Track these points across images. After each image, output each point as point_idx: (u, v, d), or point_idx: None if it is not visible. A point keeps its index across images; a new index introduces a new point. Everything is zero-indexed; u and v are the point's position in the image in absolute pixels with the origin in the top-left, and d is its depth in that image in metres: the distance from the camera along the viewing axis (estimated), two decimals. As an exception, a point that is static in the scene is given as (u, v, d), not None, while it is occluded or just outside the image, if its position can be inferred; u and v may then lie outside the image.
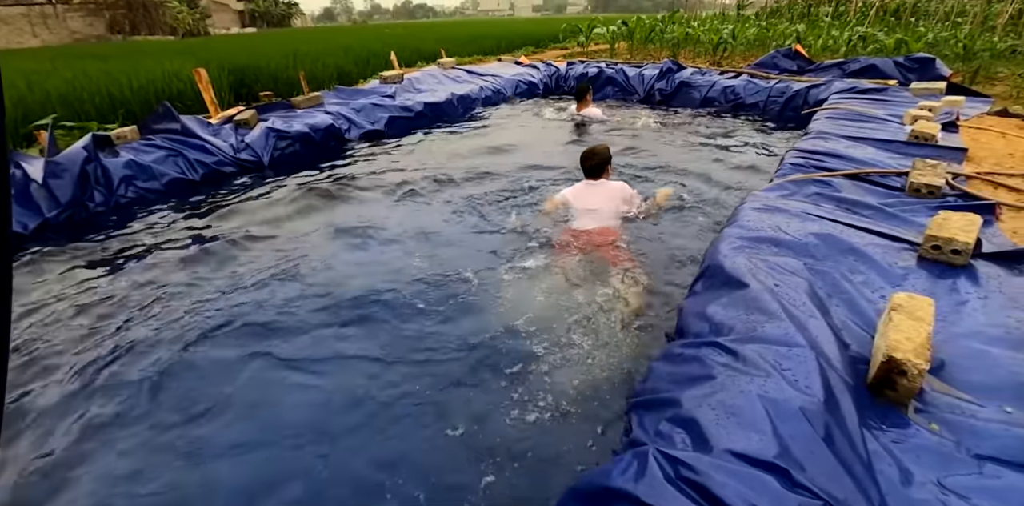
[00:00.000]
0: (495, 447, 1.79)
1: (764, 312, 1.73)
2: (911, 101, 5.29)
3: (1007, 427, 1.46)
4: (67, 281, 2.95)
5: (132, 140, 4.48)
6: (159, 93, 6.74)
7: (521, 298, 2.52)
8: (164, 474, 1.73)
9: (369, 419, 1.92)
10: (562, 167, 4.45)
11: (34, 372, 2.21)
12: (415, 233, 3.34)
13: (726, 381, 1.47)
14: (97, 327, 2.50)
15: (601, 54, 12.12)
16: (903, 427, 1.49)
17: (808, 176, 3.12)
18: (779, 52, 7.62)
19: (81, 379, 2.14)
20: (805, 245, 2.24)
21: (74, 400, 2.04)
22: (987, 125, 4.61)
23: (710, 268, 2.14)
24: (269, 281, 2.83)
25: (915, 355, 1.51)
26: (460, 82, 7.70)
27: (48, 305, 2.69)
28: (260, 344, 2.32)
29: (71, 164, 3.79)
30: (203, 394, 2.05)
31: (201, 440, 1.85)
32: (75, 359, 2.27)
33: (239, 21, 40.85)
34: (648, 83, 7.75)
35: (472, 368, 2.13)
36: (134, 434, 1.88)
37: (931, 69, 6.28)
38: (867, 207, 2.70)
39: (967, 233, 2.14)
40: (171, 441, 1.85)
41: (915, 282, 2.05)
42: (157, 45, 17.64)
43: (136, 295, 2.76)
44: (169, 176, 4.32)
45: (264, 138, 4.98)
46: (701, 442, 1.33)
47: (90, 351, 2.31)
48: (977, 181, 3.17)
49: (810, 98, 6.29)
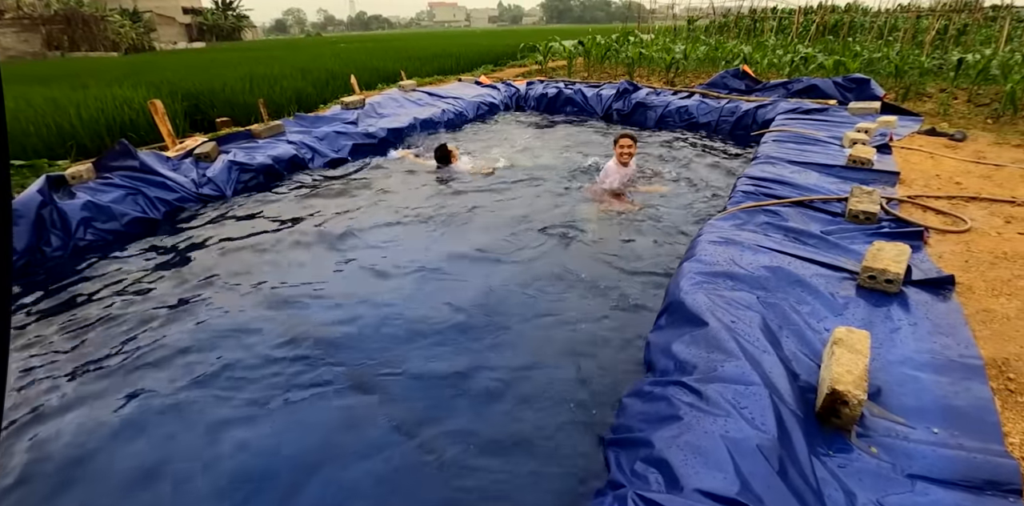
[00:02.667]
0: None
1: (723, 351, 1.89)
2: (850, 121, 5.69)
3: (934, 448, 1.66)
4: (26, 333, 2.89)
5: (88, 179, 4.37)
6: (110, 123, 6.55)
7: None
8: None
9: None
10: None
11: None
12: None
13: (692, 422, 1.62)
14: (52, 376, 2.48)
15: (559, 71, 12.43)
16: (847, 452, 1.67)
17: (758, 204, 3.35)
18: (728, 72, 8.03)
19: (26, 429, 2.15)
20: (757, 278, 2.44)
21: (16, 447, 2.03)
22: (917, 145, 5.01)
23: (672, 305, 2.31)
24: (245, 323, 2.86)
25: (855, 387, 1.70)
26: (422, 105, 7.80)
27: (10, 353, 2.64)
28: (227, 392, 2.35)
29: (26, 210, 3.69)
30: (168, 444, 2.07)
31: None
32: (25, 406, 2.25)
33: (186, 35, 39.71)
34: (606, 103, 8.03)
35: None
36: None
37: (867, 89, 6.76)
38: (811, 236, 2.93)
39: (898, 263, 2.37)
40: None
41: (855, 311, 2.27)
42: (100, 63, 17.03)
43: (96, 343, 2.75)
44: (130, 216, 4.24)
45: (227, 172, 4.95)
46: (672, 481, 1.47)
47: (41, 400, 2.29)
48: (908, 204, 3.48)
49: (758, 117, 6.66)
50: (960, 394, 1.86)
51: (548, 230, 3.97)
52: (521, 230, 4.00)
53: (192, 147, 5.13)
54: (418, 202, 4.65)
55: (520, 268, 3.44)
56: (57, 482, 1.95)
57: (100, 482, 1.95)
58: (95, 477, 1.97)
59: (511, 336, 2.71)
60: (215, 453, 2.05)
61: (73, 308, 3.13)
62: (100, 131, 6.39)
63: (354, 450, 2.05)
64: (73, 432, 2.17)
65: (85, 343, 2.77)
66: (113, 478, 1.96)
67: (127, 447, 2.10)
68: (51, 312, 3.09)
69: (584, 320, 2.82)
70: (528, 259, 3.55)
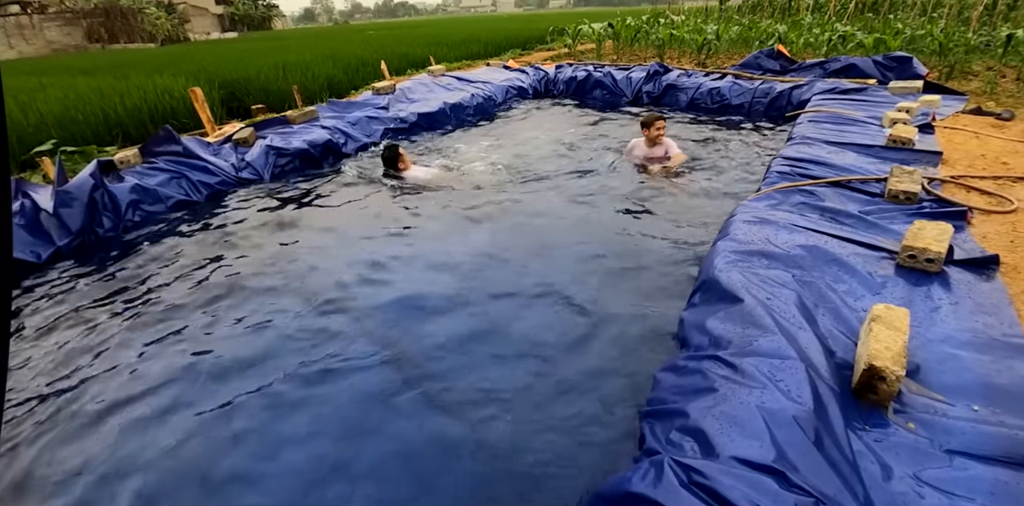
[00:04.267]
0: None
1: (758, 326, 1.90)
2: (890, 101, 5.50)
3: (974, 424, 1.65)
4: (85, 304, 3.08)
5: (135, 164, 4.57)
6: (152, 111, 6.79)
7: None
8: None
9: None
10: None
11: (59, 386, 2.35)
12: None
13: (727, 393, 1.65)
14: (111, 346, 2.67)
15: (588, 54, 12.26)
16: (884, 427, 1.68)
17: (793, 185, 3.30)
18: (762, 52, 7.81)
19: (90, 396, 2.31)
20: (793, 257, 2.42)
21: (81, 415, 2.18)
22: (961, 125, 4.83)
23: (706, 282, 2.32)
24: (279, 294, 3.01)
25: (893, 362, 1.70)
26: (451, 90, 7.82)
27: (68, 328, 2.84)
28: (284, 367, 2.47)
29: (80, 192, 3.88)
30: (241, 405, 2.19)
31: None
32: (86, 374, 2.43)
33: (218, 25, 40.39)
34: (636, 86, 7.92)
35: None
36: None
37: (908, 67, 6.50)
38: (849, 216, 2.88)
39: (940, 242, 2.33)
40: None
41: (893, 290, 2.24)
42: (139, 54, 17.48)
43: (152, 315, 2.92)
44: (174, 198, 4.43)
45: (264, 156, 5.09)
46: (708, 449, 1.50)
47: (103, 370, 2.46)
48: (951, 185, 3.38)
49: (793, 99, 6.49)
50: (1003, 372, 1.84)
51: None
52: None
53: (231, 133, 5.29)
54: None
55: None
56: (126, 455, 2.09)
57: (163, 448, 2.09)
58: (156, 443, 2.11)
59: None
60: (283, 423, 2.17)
61: (126, 283, 3.31)
62: (143, 119, 6.63)
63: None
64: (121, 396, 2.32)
65: (140, 316, 2.93)
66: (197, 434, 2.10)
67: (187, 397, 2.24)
68: (106, 288, 3.28)
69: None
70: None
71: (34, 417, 2.25)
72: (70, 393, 2.37)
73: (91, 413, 2.25)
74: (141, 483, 1.91)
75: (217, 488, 1.88)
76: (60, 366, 2.55)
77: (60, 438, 2.13)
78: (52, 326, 2.90)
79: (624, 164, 4.88)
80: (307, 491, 1.85)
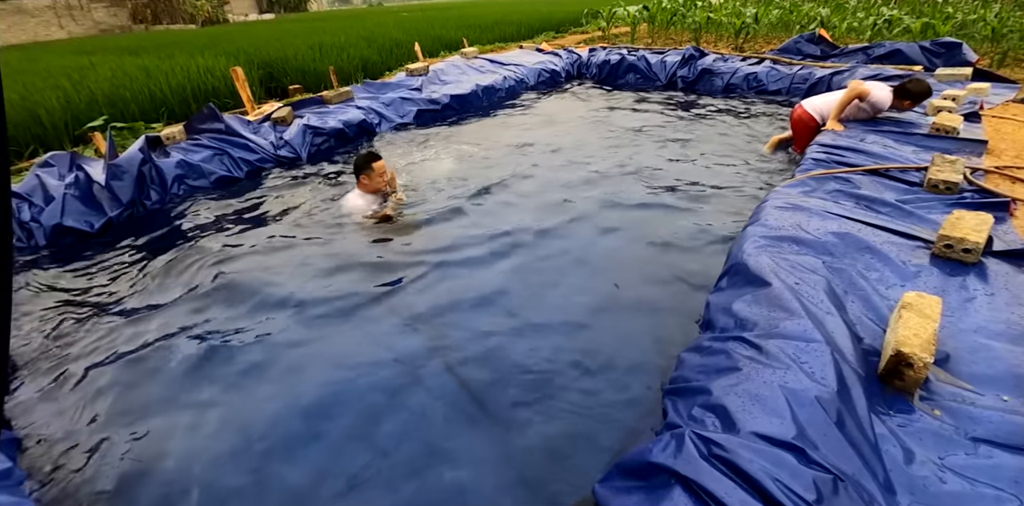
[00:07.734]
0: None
1: (785, 309, 1.92)
2: (936, 88, 5.29)
3: (1003, 414, 1.65)
4: (134, 269, 3.31)
5: (180, 140, 4.74)
6: (195, 90, 6.99)
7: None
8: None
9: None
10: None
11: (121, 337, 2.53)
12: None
13: (751, 372, 1.68)
14: (162, 309, 2.86)
15: (622, 38, 12.04)
16: (908, 413, 1.69)
17: (829, 172, 3.25)
18: (802, 37, 7.57)
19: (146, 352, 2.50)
20: (824, 244, 2.41)
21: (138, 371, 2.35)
22: (1011, 114, 4.63)
23: (734, 266, 2.32)
24: (324, 267, 3.16)
25: (921, 349, 1.70)
26: (484, 72, 7.81)
27: (117, 293, 3.06)
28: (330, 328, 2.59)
29: (130, 166, 4.06)
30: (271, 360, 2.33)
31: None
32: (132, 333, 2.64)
33: (256, 7, 40.79)
34: (670, 70, 7.78)
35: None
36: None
37: (957, 54, 6.23)
38: (885, 204, 2.83)
39: (979, 233, 2.28)
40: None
41: (927, 279, 2.22)
42: (181, 35, 17.85)
43: (204, 280, 3.10)
44: (216, 174, 4.59)
45: (301, 135, 5.22)
46: (729, 425, 1.54)
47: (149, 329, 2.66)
48: (995, 175, 3.27)
49: (833, 85, 6.29)
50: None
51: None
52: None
53: (270, 112, 5.42)
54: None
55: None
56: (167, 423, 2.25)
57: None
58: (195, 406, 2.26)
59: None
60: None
61: (174, 253, 3.48)
62: (187, 97, 6.84)
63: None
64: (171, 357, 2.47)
65: (184, 284, 3.09)
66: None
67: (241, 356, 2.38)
68: (154, 256, 3.47)
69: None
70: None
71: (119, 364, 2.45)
72: (136, 346, 2.55)
73: (158, 359, 2.46)
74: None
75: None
76: (125, 326, 2.75)
77: (128, 385, 2.31)
78: (110, 293, 3.09)
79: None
80: (335, 459, 1.95)
